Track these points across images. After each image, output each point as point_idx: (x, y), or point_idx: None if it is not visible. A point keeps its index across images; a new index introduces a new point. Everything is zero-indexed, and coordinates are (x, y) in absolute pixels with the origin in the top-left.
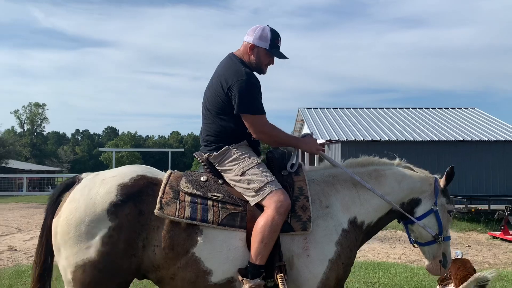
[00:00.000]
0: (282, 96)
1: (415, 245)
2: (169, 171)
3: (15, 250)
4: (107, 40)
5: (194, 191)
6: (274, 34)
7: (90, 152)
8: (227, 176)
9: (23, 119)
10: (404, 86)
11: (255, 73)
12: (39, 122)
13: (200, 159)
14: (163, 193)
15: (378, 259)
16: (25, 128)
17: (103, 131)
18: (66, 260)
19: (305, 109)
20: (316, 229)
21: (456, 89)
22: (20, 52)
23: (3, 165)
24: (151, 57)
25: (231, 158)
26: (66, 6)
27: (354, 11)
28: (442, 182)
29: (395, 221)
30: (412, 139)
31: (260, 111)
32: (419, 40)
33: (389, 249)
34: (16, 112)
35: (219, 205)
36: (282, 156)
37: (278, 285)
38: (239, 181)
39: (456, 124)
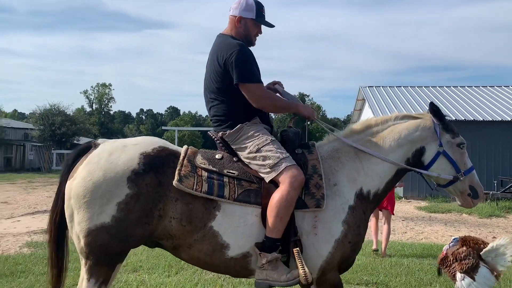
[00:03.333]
0: (341, 75)
1: (438, 188)
2: (185, 146)
3: None
4: (168, 22)
5: (211, 167)
6: (258, 4)
7: (154, 130)
8: (242, 154)
9: (92, 99)
10: (473, 63)
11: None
12: (106, 101)
13: (215, 137)
14: (181, 166)
15: (441, 242)
16: (94, 108)
17: (166, 111)
18: (79, 225)
19: (367, 87)
20: (325, 209)
21: None
22: (89, 34)
23: (75, 141)
24: (210, 38)
25: (246, 136)
26: None
27: None
28: (436, 120)
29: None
30: (482, 119)
31: (258, 79)
32: (490, 14)
33: (453, 232)
34: (85, 92)
35: (235, 181)
36: (296, 135)
37: (294, 258)
38: (254, 158)
39: None
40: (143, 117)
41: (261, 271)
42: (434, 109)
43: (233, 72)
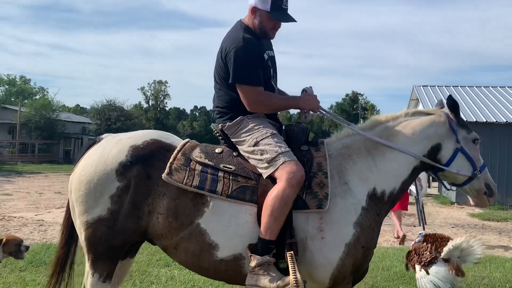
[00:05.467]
0: (398, 74)
1: (453, 188)
2: (186, 139)
3: None
4: (223, 20)
5: (206, 161)
6: None
7: (206, 127)
8: (241, 148)
9: (148, 95)
10: None
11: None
12: (162, 98)
13: (216, 130)
14: (174, 159)
15: (493, 251)
16: (150, 104)
17: None
18: (79, 218)
19: (421, 86)
20: (333, 209)
21: None
22: (147, 33)
23: None
24: None
25: (245, 129)
26: None
27: None
28: (452, 115)
29: None
30: None
31: (255, 81)
32: None
33: (508, 242)
34: (142, 88)
35: (230, 177)
36: (302, 130)
37: (287, 263)
38: (252, 152)
39: None
40: (197, 114)
41: (252, 275)
42: (453, 104)
43: (230, 69)
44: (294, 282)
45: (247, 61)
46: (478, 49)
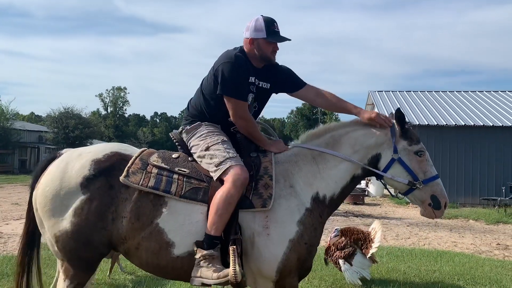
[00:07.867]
0: (353, 79)
1: (399, 196)
2: (143, 148)
3: None
4: (182, 26)
5: (163, 165)
6: (268, 21)
7: (167, 133)
8: (195, 152)
9: (107, 102)
10: (489, 68)
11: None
12: (121, 104)
13: (174, 138)
14: (131, 164)
15: (443, 248)
16: (109, 111)
17: (179, 114)
18: (48, 232)
19: (376, 92)
20: (278, 208)
21: None
22: (105, 39)
23: (88, 144)
24: (224, 42)
25: (200, 134)
26: None
27: None
28: (398, 127)
29: (467, 210)
30: (492, 124)
31: (243, 97)
32: (506, 17)
33: (457, 238)
34: (100, 95)
35: (184, 179)
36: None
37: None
38: (203, 156)
39: None
40: (157, 120)
41: (197, 268)
42: (398, 116)
43: (220, 80)
44: (233, 273)
45: (236, 76)
46: (429, 55)
